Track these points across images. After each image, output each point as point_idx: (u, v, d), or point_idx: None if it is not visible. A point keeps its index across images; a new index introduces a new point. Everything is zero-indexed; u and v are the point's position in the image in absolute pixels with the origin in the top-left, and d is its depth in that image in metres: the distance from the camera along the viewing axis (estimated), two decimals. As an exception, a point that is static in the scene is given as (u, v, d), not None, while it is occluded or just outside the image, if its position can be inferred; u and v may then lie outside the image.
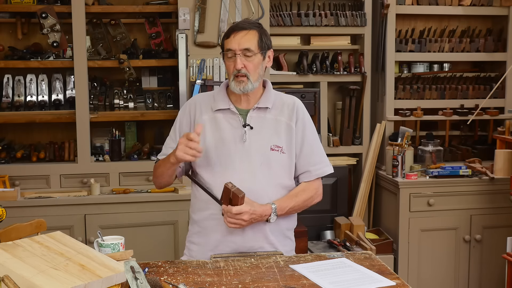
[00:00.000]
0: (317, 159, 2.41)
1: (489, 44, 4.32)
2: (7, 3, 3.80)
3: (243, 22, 2.33)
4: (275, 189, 2.31)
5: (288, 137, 2.33)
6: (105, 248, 2.08)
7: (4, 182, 3.62)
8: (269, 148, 2.30)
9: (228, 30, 2.29)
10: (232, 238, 2.28)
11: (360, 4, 4.26)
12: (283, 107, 2.35)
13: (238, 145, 2.29)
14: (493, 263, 4.00)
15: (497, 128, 4.20)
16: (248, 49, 2.24)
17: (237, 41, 2.23)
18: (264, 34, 2.30)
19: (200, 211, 2.35)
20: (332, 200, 4.14)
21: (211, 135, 2.31)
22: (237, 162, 2.28)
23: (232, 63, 2.25)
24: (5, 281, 1.63)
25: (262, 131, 2.31)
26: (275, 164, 2.30)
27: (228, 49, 2.25)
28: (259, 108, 2.33)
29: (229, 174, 2.26)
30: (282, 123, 2.33)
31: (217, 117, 2.32)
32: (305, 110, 2.40)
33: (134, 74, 3.84)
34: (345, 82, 4.29)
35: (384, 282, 1.93)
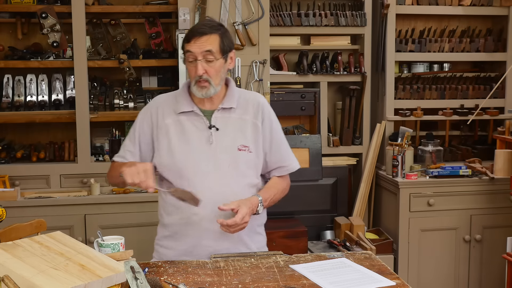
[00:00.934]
0: (287, 155, 2.41)
1: (489, 44, 4.32)
2: (7, 3, 3.80)
3: (204, 25, 2.24)
4: (244, 189, 2.30)
5: (254, 136, 2.31)
6: (105, 248, 2.08)
7: (4, 182, 3.62)
8: (236, 149, 2.27)
9: (189, 33, 2.22)
10: (206, 242, 2.26)
11: (360, 4, 4.26)
12: (248, 106, 2.33)
13: (204, 147, 2.26)
14: (493, 263, 4.00)
15: (497, 128, 4.20)
16: (209, 51, 2.19)
17: (198, 46, 2.18)
18: (226, 36, 2.25)
19: (170, 214, 2.32)
20: (332, 200, 4.14)
21: (176, 138, 2.27)
22: (205, 164, 2.25)
23: (193, 67, 2.21)
24: (5, 281, 1.63)
25: (228, 132, 2.28)
26: (243, 164, 2.28)
27: (188, 50, 2.20)
28: (223, 109, 2.29)
29: (198, 177, 2.24)
30: (248, 122, 2.31)
31: (181, 119, 2.28)
32: (270, 108, 2.38)
33: (134, 74, 3.84)
34: (345, 82, 4.29)
35: (384, 282, 1.93)
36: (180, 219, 2.28)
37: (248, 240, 2.34)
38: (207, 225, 2.25)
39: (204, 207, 2.22)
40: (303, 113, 4.16)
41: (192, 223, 2.26)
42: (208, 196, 2.23)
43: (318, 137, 4.04)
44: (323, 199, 4.12)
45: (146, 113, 2.34)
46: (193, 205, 2.16)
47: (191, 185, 2.23)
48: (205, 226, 2.25)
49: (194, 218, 2.25)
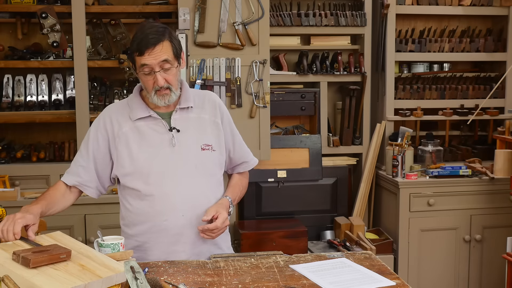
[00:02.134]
0: (247, 151, 2.44)
1: (489, 44, 4.32)
2: (7, 3, 3.80)
3: (153, 33, 2.12)
4: (213, 188, 2.28)
5: (215, 133, 2.29)
6: (105, 248, 2.07)
7: (4, 182, 3.62)
8: (200, 148, 2.24)
9: (140, 45, 2.11)
10: (180, 247, 2.22)
11: (360, 4, 4.26)
12: (204, 104, 2.30)
13: (168, 151, 2.20)
14: (493, 263, 4.00)
15: (497, 128, 4.20)
16: (166, 60, 2.12)
17: (153, 57, 2.10)
18: (174, 38, 2.17)
19: (135, 225, 2.26)
20: (332, 200, 4.14)
21: (136, 146, 2.21)
22: (172, 168, 2.20)
23: (151, 78, 2.14)
24: (5, 281, 1.63)
25: (190, 132, 2.24)
26: (209, 163, 2.26)
27: (143, 64, 2.12)
28: (181, 109, 2.25)
29: (166, 181, 2.20)
30: (207, 121, 2.28)
31: (139, 126, 2.22)
32: (223, 104, 2.37)
33: (134, 74, 3.84)
34: (345, 82, 4.29)
35: (384, 282, 1.93)
36: (151, 228, 2.23)
37: (219, 240, 2.31)
38: (179, 230, 2.22)
39: (176, 212, 2.20)
40: (303, 113, 4.16)
41: (164, 230, 2.21)
42: (178, 200, 2.20)
43: (318, 137, 4.05)
44: (323, 199, 4.12)
45: (98, 125, 2.27)
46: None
47: (159, 191, 2.19)
48: (177, 231, 2.21)
49: (166, 224, 2.21)
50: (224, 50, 3.72)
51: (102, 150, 2.25)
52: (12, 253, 1.76)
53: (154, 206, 2.21)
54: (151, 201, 2.21)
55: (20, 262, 1.73)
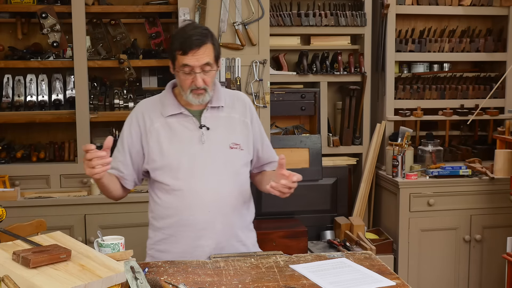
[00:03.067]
0: (273, 151, 2.48)
1: (489, 44, 4.32)
2: (7, 3, 3.80)
3: (197, 34, 2.18)
4: (237, 187, 2.31)
5: (244, 133, 2.33)
6: (105, 248, 2.08)
7: (4, 182, 3.62)
8: (228, 147, 2.29)
9: (184, 45, 2.16)
10: (204, 241, 2.26)
11: (360, 4, 4.26)
12: (234, 104, 2.35)
13: (197, 148, 2.25)
14: (493, 263, 4.00)
15: (497, 128, 4.20)
16: (207, 63, 2.18)
17: (197, 59, 2.16)
18: (216, 41, 2.25)
19: (163, 218, 2.30)
20: (332, 200, 4.14)
21: (167, 141, 2.26)
22: (201, 165, 2.25)
23: (190, 78, 2.19)
24: (5, 281, 1.63)
25: (219, 130, 2.29)
26: (237, 162, 2.31)
27: (185, 64, 2.17)
28: (212, 108, 2.30)
29: (195, 177, 2.24)
30: (236, 120, 2.33)
31: (170, 122, 2.28)
32: (252, 105, 2.43)
33: (134, 74, 3.84)
34: (345, 82, 4.29)
35: (384, 282, 1.93)
36: (177, 221, 2.27)
37: (244, 237, 2.36)
38: (205, 225, 2.26)
39: (202, 208, 2.23)
40: (303, 113, 4.16)
41: (190, 224, 2.26)
42: (206, 196, 2.24)
43: (318, 137, 4.05)
44: (323, 199, 4.12)
45: (132, 121, 2.33)
46: None
47: (188, 186, 2.23)
48: (203, 226, 2.26)
49: (193, 219, 2.25)
50: (224, 50, 3.72)
51: (136, 145, 2.31)
52: (12, 253, 1.76)
53: (182, 200, 2.26)
54: (179, 196, 2.26)
55: (20, 262, 1.73)
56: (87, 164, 2.04)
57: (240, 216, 2.34)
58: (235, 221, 2.30)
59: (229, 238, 2.30)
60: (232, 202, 2.29)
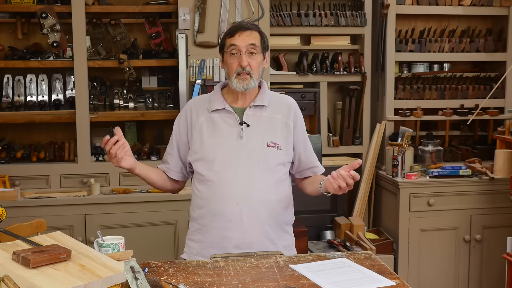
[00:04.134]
0: (316, 158, 2.50)
1: (489, 44, 4.32)
2: (7, 3, 3.80)
3: (246, 22, 2.40)
4: (271, 185, 2.34)
5: (284, 134, 2.37)
6: (105, 248, 2.08)
7: (4, 182, 3.62)
8: (265, 145, 2.32)
9: (232, 28, 2.33)
10: (231, 234, 2.30)
11: (360, 4, 4.26)
12: (280, 106, 2.40)
13: (235, 143, 2.32)
14: (493, 263, 4.00)
15: (497, 128, 4.21)
16: (253, 44, 2.28)
17: (243, 39, 2.28)
18: (264, 35, 2.37)
19: (198, 208, 2.38)
20: (332, 200, 4.14)
21: (208, 134, 2.35)
22: (235, 159, 2.31)
23: (236, 60, 2.29)
24: (5, 281, 1.63)
25: (259, 128, 2.34)
26: (272, 160, 2.33)
27: (232, 44, 2.29)
28: (255, 106, 2.36)
29: (227, 170, 2.30)
30: (278, 121, 2.37)
31: (213, 117, 2.36)
32: (299, 110, 2.47)
33: (134, 74, 3.84)
34: (345, 82, 4.29)
35: (384, 282, 1.93)
36: (208, 211, 2.33)
37: (274, 236, 2.36)
38: (232, 217, 2.29)
39: (230, 200, 2.28)
40: (303, 113, 4.06)
41: (218, 215, 2.30)
42: (235, 190, 2.29)
43: (318, 137, 4.04)
44: (323, 199, 4.10)
45: (181, 116, 2.44)
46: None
47: (219, 178, 2.29)
48: (229, 218, 2.29)
49: (220, 210, 2.30)
50: (224, 50, 3.72)
51: (183, 138, 2.42)
52: (12, 253, 1.76)
53: (213, 191, 2.31)
54: (210, 187, 2.32)
55: (20, 262, 1.73)
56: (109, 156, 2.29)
57: (272, 213, 2.34)
58: (265, 218, 2.31)
59: (258, 234, 2.32)
60: (263, 198, 2.31)
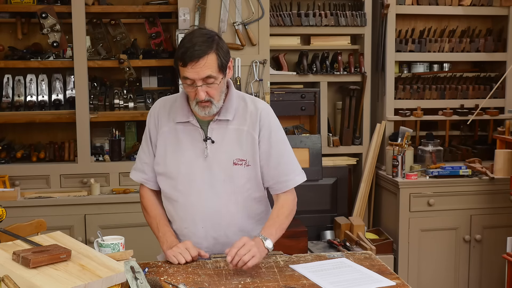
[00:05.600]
0: (288, 169, 2.23)
1: (489, 44, 4.32)
2: (7, 3, 3.80)
3: (198, 45, 2.03)
4: (240, 205, 2.21)
5: (251, 147, 2.18)
6: (105, 248, 2.08)
7: (4, 182, 3.62)
8: (231, 163, 2.16)
9: (184, 56, 2.03)
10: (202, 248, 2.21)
11: (360, 4, 4.26)
12: (246, 116, 2.19)
13: (199, 160, 2.17)
14: (493, 263, 4.00)
15: (497, 128, 4.20)
16: (209, 76, 2.04)
17: (196, 72, 2.03)
18: (221, 49, 2.07)
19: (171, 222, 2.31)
20: (332, 200, 4.14)
21: (171, 148, 2.20)
22: (200, 179, 2.18)
23: (192, 91, 2.07)
24: (5, 281, 1.63)
25: (224, 144, 2.17)
26: (240, 179, 2.17)
27: (185, 77, 2.05)
28: (219, 120, 2.17)
29: (192, 191, 2.18)
30: (244, 133, 2.18)
31: (178, 129, 2.20)
32: (271, 116, 2.22)
33: (134, 74, 3.84)
34: (345, 82, 4.29)
35: (384, 282, 1.93)
36: (176, 230, 2.28)
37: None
38: (198, 240, 2.21)
39: (196, 223, 2.21)
40: (303, 113, 4.16)
41: (185, 235, 2.24)
42: (200, 213, 2.19)
43: (318, 137, 4.04)
44: (323, 199, 4.12)
45: (150, 121, 2.28)
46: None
47: (184, 199, 2.20)
48: (196, 241, 2.20)
49: (186, 232, 2.23)
50: (224, 50, 3.72)
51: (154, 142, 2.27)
52: (12, 253, 1.76)
53: (177, 212, 2.24)
54: (175, 206, 2.24)
55: (20, 262, 1.73)
56: (177, 254, 2.12)
57: (242, 231, 2.22)
58: (233, 238, 2.16)
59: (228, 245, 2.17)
60: (229, 220, 2.21)
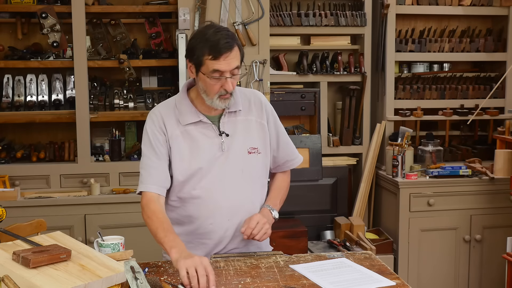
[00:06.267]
0: (292, 148, 2.39)
1: (489, 44, 4.32)
2: (7, 3, 3.80)
3: (225, 37, 2.07)
4: (256, 191, 2.28)
5: (261, 135, 2.27)
6: (105, 248, 2.08)
7: (4, 182, 3.62)
8: (246, 152, 2.23)
9: (215, 49, 2.05)
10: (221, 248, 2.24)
11: (360, 4, 4.26)
12: (250, 105, 2.27)
13: (217, 155, 2.20)
14: (493, 263, 4.00)
15: (497, 128, 4.20)
16: (237, 67, 2.10)
17: (228, 63, 2.06)
18: (239, 42, 2.15)
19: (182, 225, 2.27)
20: (332, 200, 4.14)
21: (187, 150, 2.19)
22: (220, 172, 2.21)
23: (219, 83, 2.09)
24: (5, 281, 1.63)
25: (237, 136, 2.23)
26: (254, 167, 2.25)
27: (215, 70, 2.06)
28: (229, 112, 2.22)
29: (214, 186, 2.20)
30: (253, 122, 2.26)
31: (189, 129, 2.20)
32: (268, 103, 2.33)
33: (134, 74, 3.84)
34: (345, 82, 4.29)
35: (384, 282, 1.93)
36: (196, 229, 2.25)
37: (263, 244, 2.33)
38: (224, 233, 2.24)
39: (222, 216, 2.22)
40: (303, 113, 4.16)
41: (210, 232, 2.24)
42: (225, 206, 2.22)
43: (318, 137, 4.05)
44: (323, 199, 4.12)
45: (154, 126, 2.22)
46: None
47: (207, 195, 2.21)
48: (222, 234, 2.24)
49: (212, 227, 2.23)
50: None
51: (164, 149, 2.21)
52: (12, 253, 1.76)
53: (201, 209, 2.22)
54: (197, 204, 2.23)
55: (20, 262, 1.73)
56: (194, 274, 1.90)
57: None
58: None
59: (247, 243, 2.29)
60: (251, 208, 2.26)
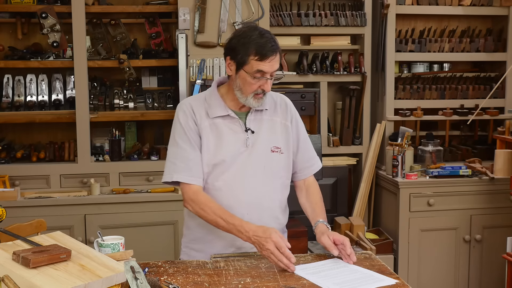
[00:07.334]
0: (312, 154, 2.45)
1: (489, 44, 4.32)
2: (7, 3, 3.80)
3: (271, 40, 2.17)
4: (277, 191, 2.33)
5: (284, 136, 2.34)
6: (105, 248, 2.08)
7: (4, 182, 3.62)
8: (269, 150, 2.30)
9: (263, 51, 2.14)
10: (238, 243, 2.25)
11: (360, 4, 4.26)
12: (276, 107, 2.36)
13: (241, 150, 2.27)
14: (493, 263, 4.00)
15: (497, 128, 4.21)
16: (276, 70, 2.21)
17: (272, 65, 2.17)
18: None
19: None
20: (332, 200, 4.14)
21: (213, 142, 2.26)
22: (243, 167, 2.26)
23: (258, 83, 2.18)
24: (5, 281, 1.63)
25: (262, 134, 2.30)
26: (277, 165, 2.31)
27: (259, 70, 2.15)
28: (256, 111, 2.30)
29: (236, 180, 2.25)
30: (277, 123, 2.34)
31: (217, 123, 2.27)
32: (294, 107, 2.41)
33: (134, 74, 3.84)
34: (345, 82, 4.29)
35: (384, 281, 1.93)
36: None
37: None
38: None
39: (240, 210, 2.24)
40: (303, 113, 4.15)
41: None
42: (244, 199, 2.25)
43: (318, 137, 4.04)
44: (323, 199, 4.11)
45: (186, 115, 2.26)
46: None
47: (228, 187, 2.24)
48: None
49: None
50: (224, 50, 3.72)
51: (197, 139, 2.26)
52: (12, 253, 1.76)
53: (222, 201, 2.25)
54: (217, 196, 2.26)
55: (20, 262, 1.73)
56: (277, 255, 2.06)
57: (275, 219, 2.34)
58: (270, 224, 2.25)
59: None
60: (269, 205, 2.30)
